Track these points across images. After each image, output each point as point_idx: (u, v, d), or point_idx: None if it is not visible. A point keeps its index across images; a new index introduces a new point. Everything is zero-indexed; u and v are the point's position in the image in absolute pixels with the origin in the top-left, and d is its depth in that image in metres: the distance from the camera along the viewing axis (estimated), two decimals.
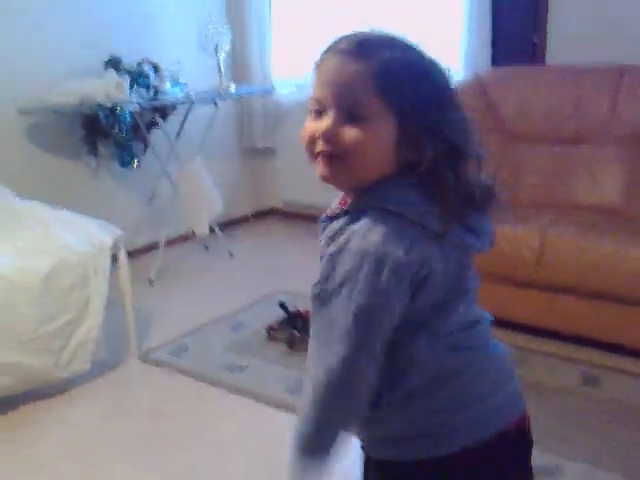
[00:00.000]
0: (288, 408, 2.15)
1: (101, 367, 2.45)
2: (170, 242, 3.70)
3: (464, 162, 0.86)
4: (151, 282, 3.34)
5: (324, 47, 0.87)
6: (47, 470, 1.96)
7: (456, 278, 0.88)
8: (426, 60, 0.87)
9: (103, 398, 2.35)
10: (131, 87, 3.15)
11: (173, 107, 3.56)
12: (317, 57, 0.87)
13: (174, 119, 3.65)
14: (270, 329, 2.71)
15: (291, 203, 4.30)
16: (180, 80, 3.45)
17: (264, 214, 4.46)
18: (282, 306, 2.79)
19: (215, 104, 3.60)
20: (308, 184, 4.22)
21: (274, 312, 2.82)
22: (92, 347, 2.32)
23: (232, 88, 3.60)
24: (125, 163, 3.15)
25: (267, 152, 4.29)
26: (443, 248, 0.85)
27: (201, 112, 3.65)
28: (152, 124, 3.50)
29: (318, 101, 0.85)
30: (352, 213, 0.85)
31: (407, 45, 0.87)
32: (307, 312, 2.73)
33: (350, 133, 0.82)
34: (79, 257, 2.32)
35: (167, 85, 3.33)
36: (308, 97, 0.88)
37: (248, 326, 2.84)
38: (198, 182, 3.45)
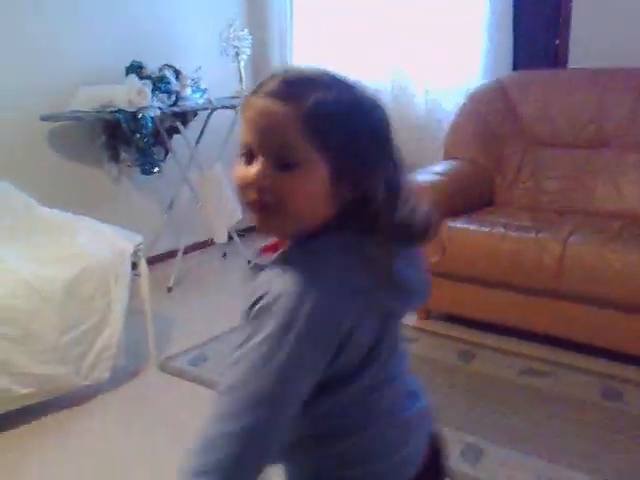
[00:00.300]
0: None
1: (121, 376, 2.46)
2: (188, 249, 3.71)
3: (400, 198, 0.82)
4: (169, 289, 3.35)
5: (252, 89, 0.82)
6: (69, 478, 1.98)
7: (377, 339, 0.83)
8: (360, 97, 0.82)
9: (123, 407, 2.36)
10: (152, 93, 3.16)
11: (194, 113, 3.58)
12: (242, 102, 0.83)
13: (194, 125, 3.67)
14: None
15: None
16: (201, 86, 3.46)
17: None
18: None
19: (235, 110, 3.60)
20: None
21: None
22: (112, 354, 2.34)
23: None
24: (147, 170, 3.16)
25: None
26: (370, 308, 0.80)
27: (222, 118, 3.65)
28: (173, 130, 3.52)
29: (246, 146, 0.80)
30: (281, 264, 0.79)
31: (339, 83, 0.81)
32: None
33: (280, 182, 0.77)
34: (101, 264, 2.34)
35: (188, 91, 3.35)
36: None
37: None
38: (219, 189, 3.46)
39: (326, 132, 0.77)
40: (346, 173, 0.79)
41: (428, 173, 2.90)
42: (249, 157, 0.80)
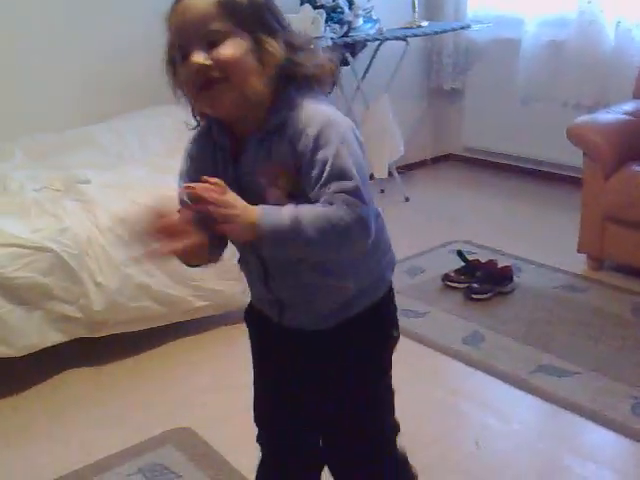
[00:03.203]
0: (464, 359, 2.14)
1: None
2: None
3: (301, 55, 1.02)
4: None
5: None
6: (232, 388, 2.10)
7: None
8: None
9: None
10: (325, 22, 3.14)
11: (363, 44, 3.52)
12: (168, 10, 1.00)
13: (362, 57, 3.61)
14: (447, 278, 2.66)
15: (473, 149, 4.13)
16: (373, 16, 3.38)
17: (442, 159, 4.34)
18: (460, 254, 2.72)
19: (406, 41, 3.49)
20: (494, 130, 3.99)
21: (451, 260, 2.76)
22: None
23: (425, 24, 3.48)
24: None
25: (454, 94, 4.12)
26: None
27: (390, 50, 3.57)
28: (341, 62, 3.49)
29: (181, 46, 0.98)
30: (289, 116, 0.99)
31: None
32: (488, 262, 2.64)
33: (219, 51, 0.96)
34: None
35: (360, 21, 3.29)
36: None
37: (423, 272, 2.80)
38: (383, 122, 3.41)
39: (239, 11, 0.98)
40: (262, 41, 0.98)
41: (615, 112, 2.66)
42: (184, 57, 0.97)
